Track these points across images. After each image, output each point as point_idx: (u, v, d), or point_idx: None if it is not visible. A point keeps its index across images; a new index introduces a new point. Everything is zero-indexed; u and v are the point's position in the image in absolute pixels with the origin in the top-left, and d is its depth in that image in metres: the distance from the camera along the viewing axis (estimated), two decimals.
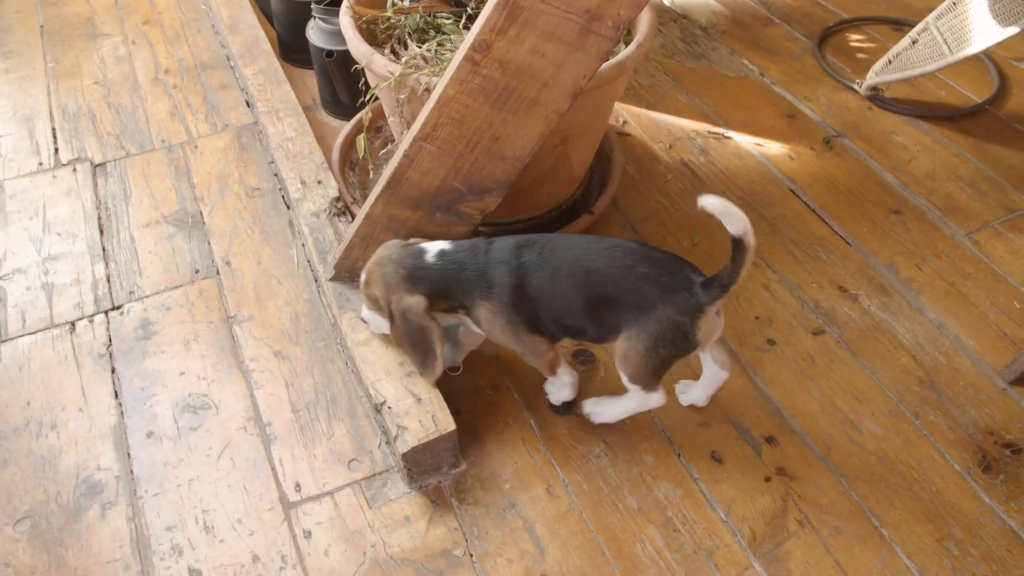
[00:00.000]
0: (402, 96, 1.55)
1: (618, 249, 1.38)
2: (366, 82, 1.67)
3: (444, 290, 1.42)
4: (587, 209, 1.87)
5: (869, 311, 1.78)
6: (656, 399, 1.49)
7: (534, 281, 1.39)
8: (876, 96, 2.28)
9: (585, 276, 1.37)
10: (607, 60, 1.40)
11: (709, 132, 2.21)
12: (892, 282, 1.83)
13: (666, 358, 1.39)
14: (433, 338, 1.43)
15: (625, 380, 1.45)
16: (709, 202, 1.24)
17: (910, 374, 1.67)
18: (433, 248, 1.43)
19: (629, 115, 2.27)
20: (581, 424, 1.59)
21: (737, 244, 1.28)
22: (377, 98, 1.69)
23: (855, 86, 2.30)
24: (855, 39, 2.53)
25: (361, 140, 1.69)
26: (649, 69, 2.42)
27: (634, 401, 1.51)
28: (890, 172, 2.09)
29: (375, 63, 1.56)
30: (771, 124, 2.23)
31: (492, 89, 1.36)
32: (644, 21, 1.66)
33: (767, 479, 1.51)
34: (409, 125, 1.58)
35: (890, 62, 2.21)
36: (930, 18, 2.13)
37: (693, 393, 1.60)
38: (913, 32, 2.16)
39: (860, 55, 2.46)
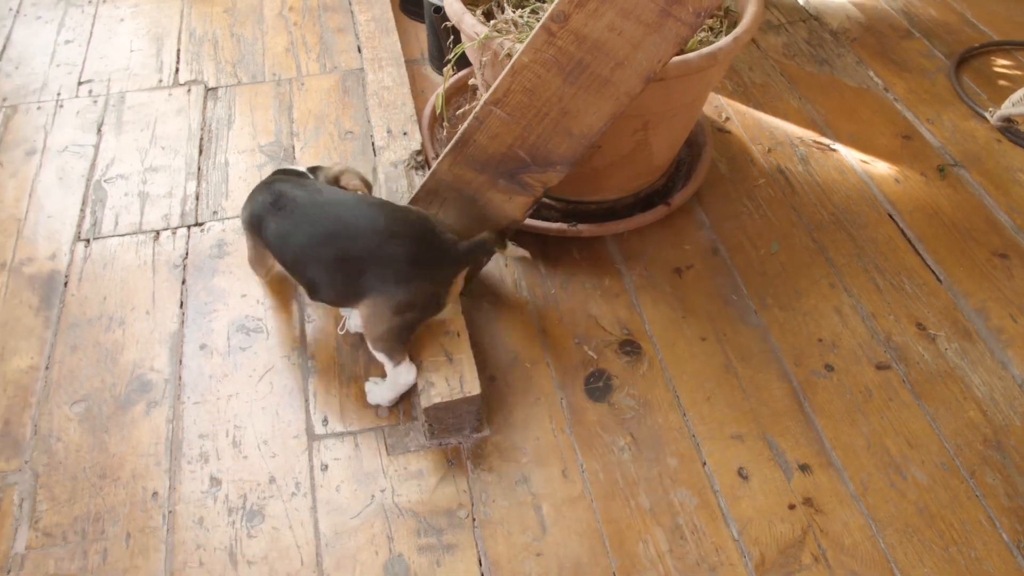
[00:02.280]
0: (484, 58, 1.55)
1: (375, 209, 1.44)
2: (455, 40, 1.68)
3: None
4: (665, 200, 1.82)
5: (945, 355, 1.66)
6: (404, 374, 1.49)
7: (272, 225, 1.50)
8: (1008, 128, 2.10)
9: (330, 233, 1.44)
10: (683, 47, 1.35)
11: (814, 141, 2.10)
12: (979, 328, 1.70)
13: (412, 321, 1.46)
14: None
15: (370, 345, 1.48)
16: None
17: (975, 429, 1.55)
18: None
19: (733, 112, 2.18)
20: (612, 414, 1.57)
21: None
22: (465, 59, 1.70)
23: (987, 114, 2.13)
24: (1000, 64, 2.34)
25: (439, 97, 1.70)
26: (765, 67, 2.32)
27: (390, 377, 1.51)
28: (1005, 212, 1.93)
29: (465, 22, 1.57)
30: (883, 142, 2.09)
31: (565, 62, 1.34)
32: (748, 13, 1.59)
33: (791, 506, 1.45)
34: (487, 88, 1.58)
35: None
36: None
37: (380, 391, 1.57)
38: None
39: (1001, 82, 2.27)
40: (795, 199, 1.95)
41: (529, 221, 1.76)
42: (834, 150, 2.08)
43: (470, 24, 1.56)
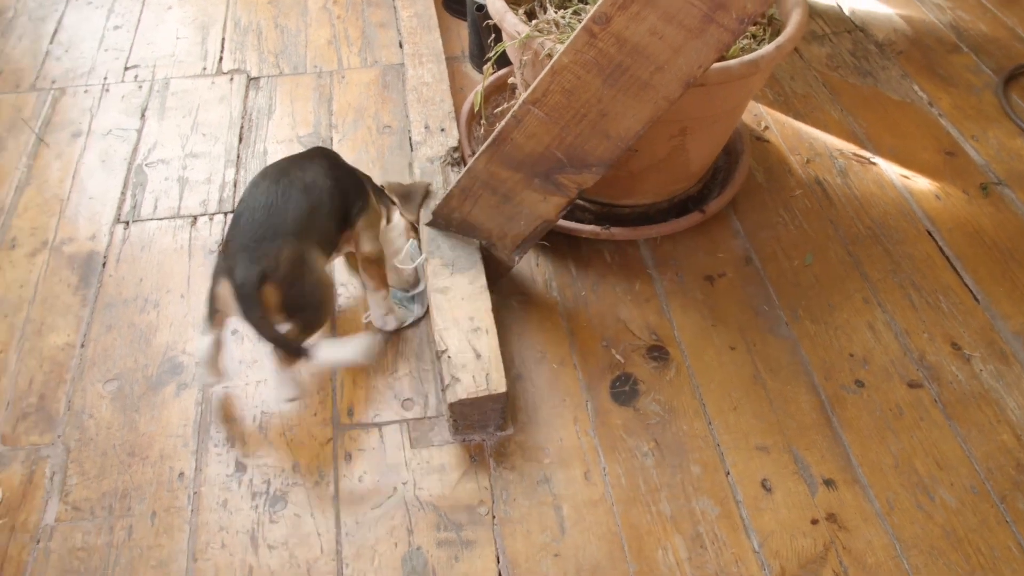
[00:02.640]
0: (525, 58, 1.55)
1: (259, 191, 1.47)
2: (496, 38, 1.68)
3: None
4: (700, 207, 1.81)
5: (980, 376, 1.63)
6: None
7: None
8: None
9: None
10: (728, 53, 1.34)
11: (854, 154, 2.07)
12: (1016, 351, 1.67)
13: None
14: None
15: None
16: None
17: (1008, 454, 1.52)
18: None
19: (773, 121, 2.16)
20: (637, 419, 1.56)
21: None
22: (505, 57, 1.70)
23: None
24: None
25: (478, 95, 1.71)
26: (807, 77, 2.29)
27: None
28: None
29: (507, 21, 1.57)
30: (925, 158, 2.06)
31: (606, 64, 1.34)
32: (792, 22, 1.57)
33: (814, 521, 1.43)
34: (527, 87, 1.58)
35: None
36: None
37: None
38: None
39: None
40: (832, 211, 1.93)
41: (562, 222, 1.75)
42: (874, 163, 2.05)
43: (512, 23, 1.56)
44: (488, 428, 1.53)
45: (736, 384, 1.62)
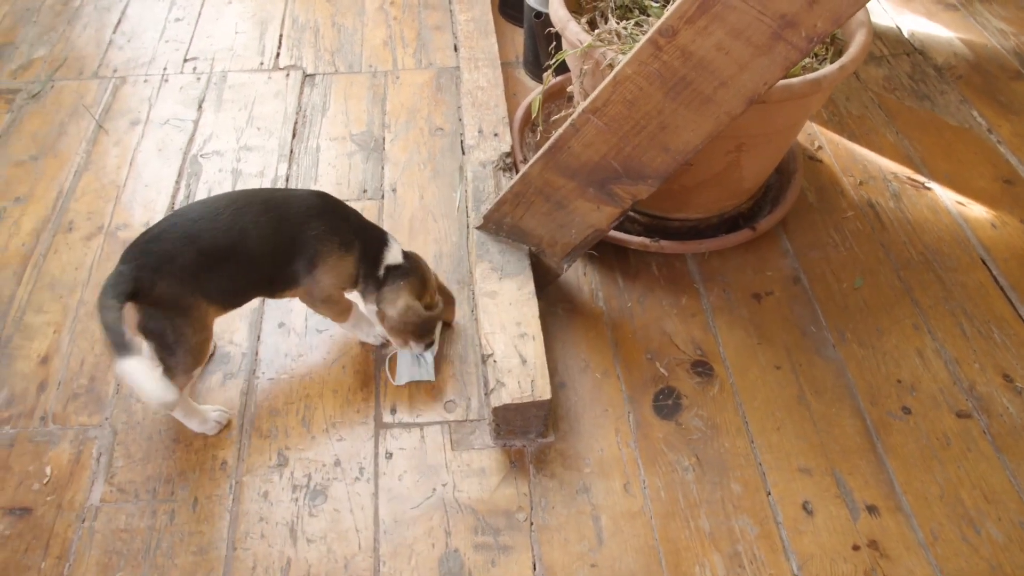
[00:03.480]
0: (585, 67, 1.55)
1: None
2: (556, 46, 1.68)
3: None
4: (750, 224, 1.80)
5: None
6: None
7: None
8: None
9: None
10: (790, 71, 1.33)
11: (908, 178, 2.04)
12: None
13: None
14: None
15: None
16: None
17: None
18: None
19: (827, 141, 2.14)
20: (679, 433, 1.55)
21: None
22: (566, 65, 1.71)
23: None
24: None
25: (536, 102, 1.71)
26: (863, 99, 2.27)
27: None
28: None
29: (569, 29, 1.58)
30: (982, 185, 2.03)
31: (669, 77, 1.33)
32: (856, 43, 1.56)
33: (855, 547, 1.41)
34: (586, 96, 1.59)
35: None
36: None
37: None
38: None
39: None
40: (884, 235, 1.91)
41: (612, 233, 1.75)
42: (928, 188, 2.02)
43: (574, 32, 1.57)
44: (529, 434, 1.53)
45: (780, 404, 1.60)
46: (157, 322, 1.34)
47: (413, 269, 1.55)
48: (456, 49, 2.35)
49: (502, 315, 1.57)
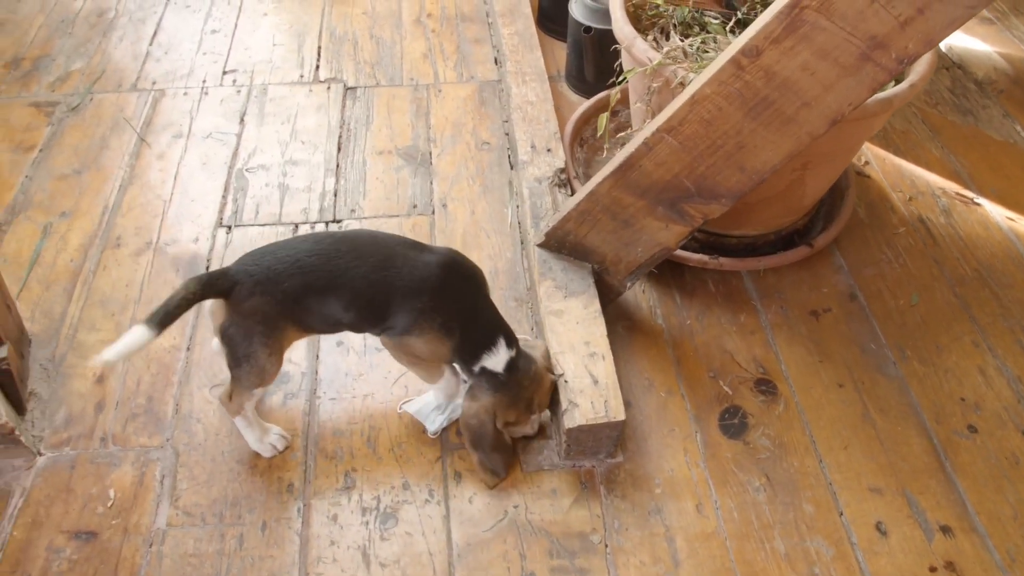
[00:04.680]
0: (655, 85, 1.55)
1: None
2: (620, 63, 1.68)
3: None
4: (807, 241, 1.80)
5: None
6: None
7: None
8: None
9: None
10: (878, 93, 1.33)
11: (957, 193, 2.05)
12: None
13: None
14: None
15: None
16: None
17: None
18: None
19: (873, 156, 2.14)
20: (747, 452, 1.55)
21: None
22: (625, 82, 1.70)
23: None
24: None
25: (603, 119, 1.70)
26: (907, 114, 2.27)
27: None
28: None
29: (636, 47, 1.57)
30: None
31: (750, 97, 1.33)
32: (923, 62, 1.56)
33: (932, 569, 1.40)
34: (654, 114, 1.58)
35: None
36: None
37: None
38: None
39: None
40: (936, 251, 1.91)
41: None
42: (978, 204, 2.03)
43: (642, 49, 1.56)
44: (599, 455, 1.51)
45: (846, 422, 1.60)
46: (237, 330, 1.34)
47: (508, 385, 1.43)
48: (497, 62, 2.34)
49: (570, 335, 1.56)
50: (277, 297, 1.32)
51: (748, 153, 1.39)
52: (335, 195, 1.99)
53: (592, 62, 2.14)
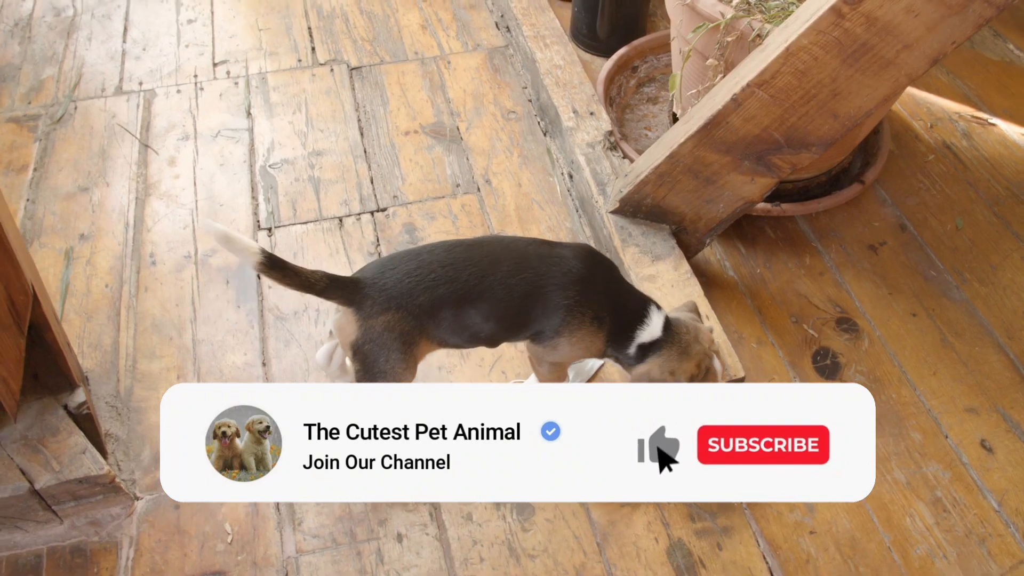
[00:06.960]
0: (728, 39, 1.53)
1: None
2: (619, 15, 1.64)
3: None
4: (857, 178, 1.83)
5: None
6: None
7: None
8: None
9: None
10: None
11: (972, 116, 2.13)
12: None
13: None
14: None
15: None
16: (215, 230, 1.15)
17: None
18: None
19: None
20: None
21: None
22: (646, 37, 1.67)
23: None
24: None
25: (676, 78, 1.68)
26: None
27: None
28: None
29: (702, 1, 1.54)
30: None
31: (849, 44, 1.33)
32: None
33: None
34: (728, 69, 1.56)
35: None
36: None
37: None
38: None
39: None
40: (968, 174, 1.98)
41: None
42: (993, 124, 2.11)
43: (710, 3, 1.53)
44: None
45: (928, 350, 1.66)
46: (373, 347, 1.26)
47: (671, 341, 1.36)
48: (498, 27, 2.26)
49: (668, 298, 1.55)
50: (413, 312, 1.25)
51: (842, 100, 1.40)
52: (371, 182, 1.90)
53: (607, 18, 2.10)
